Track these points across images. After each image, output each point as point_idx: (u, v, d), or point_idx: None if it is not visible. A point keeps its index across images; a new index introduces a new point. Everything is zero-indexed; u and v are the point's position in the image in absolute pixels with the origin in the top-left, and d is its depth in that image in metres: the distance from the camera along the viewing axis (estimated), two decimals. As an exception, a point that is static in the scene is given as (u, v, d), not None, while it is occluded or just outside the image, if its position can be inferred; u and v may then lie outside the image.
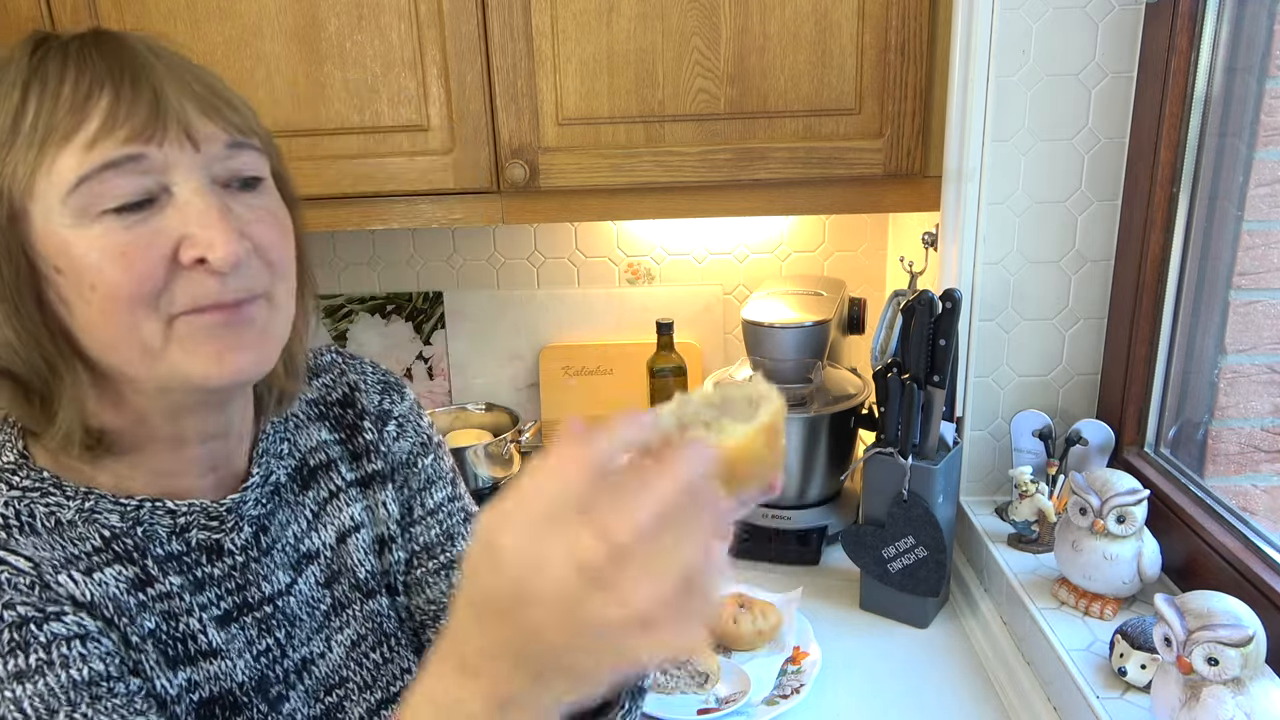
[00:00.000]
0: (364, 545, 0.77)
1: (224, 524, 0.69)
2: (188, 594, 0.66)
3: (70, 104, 0.58)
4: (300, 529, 0.74)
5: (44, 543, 0.62)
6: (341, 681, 0.73)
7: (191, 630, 0.66)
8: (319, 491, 0.76)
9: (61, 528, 0.63)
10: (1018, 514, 1.24)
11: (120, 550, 0.64)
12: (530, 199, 1.44)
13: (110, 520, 0.65)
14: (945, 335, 1.19)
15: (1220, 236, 1.15)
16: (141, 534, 0.66)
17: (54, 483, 0.65)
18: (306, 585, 0.73)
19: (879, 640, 1.25)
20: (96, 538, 0.64)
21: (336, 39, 1.37)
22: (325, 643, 0.73)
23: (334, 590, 0.74)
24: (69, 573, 0.61)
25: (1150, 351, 1.22)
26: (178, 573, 0.66)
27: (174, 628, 0.65)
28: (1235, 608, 0.84)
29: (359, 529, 0.77)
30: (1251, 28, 1.08)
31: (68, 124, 0.58)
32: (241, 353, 0.62)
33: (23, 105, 0.58)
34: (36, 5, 1.37)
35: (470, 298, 1.88)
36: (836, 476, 1.49)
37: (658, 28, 1.34)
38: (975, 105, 1.24)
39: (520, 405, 1.92)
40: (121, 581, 0.63)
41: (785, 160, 1.37)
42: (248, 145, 0.64)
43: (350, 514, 0.77)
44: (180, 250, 0.60)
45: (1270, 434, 1.17)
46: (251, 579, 0.70)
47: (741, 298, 1.85)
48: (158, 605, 0.65)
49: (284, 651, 0.70)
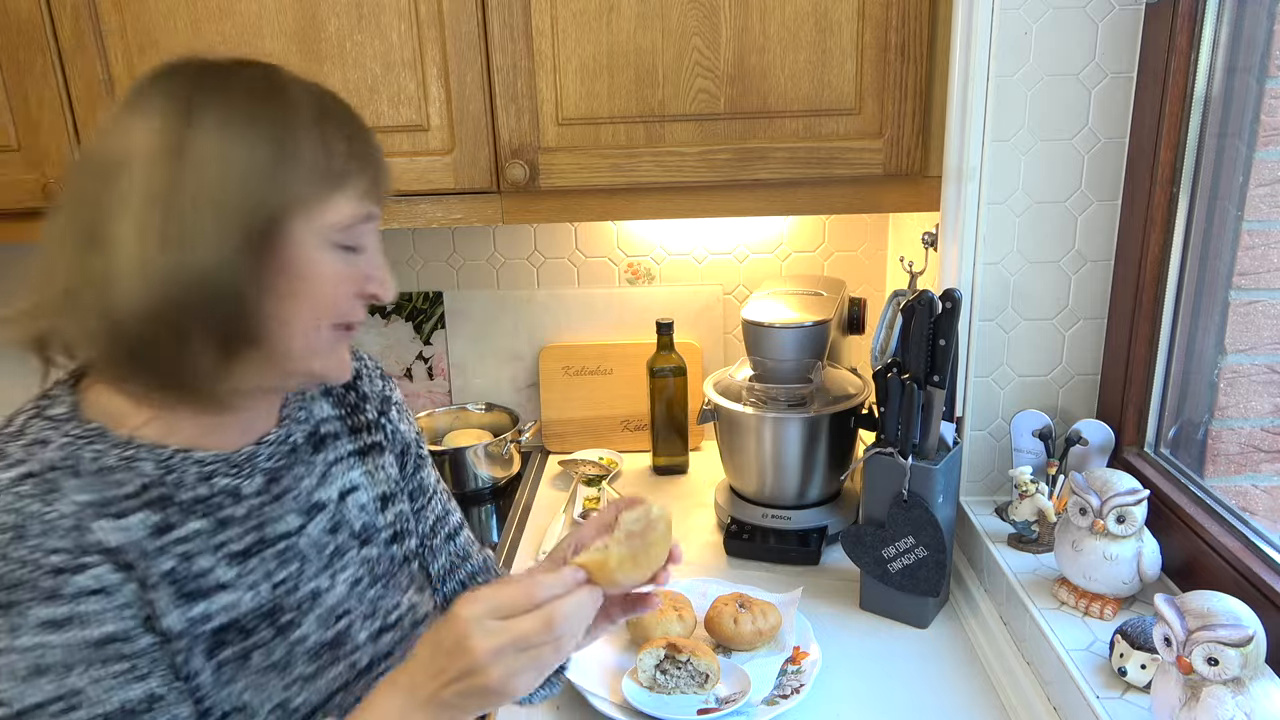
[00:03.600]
0: (360, 503, 0.91)
1: (241, 471, 0.81)
2: (207, 535, 0.77)
3: (359, 157, 0.75)
4: (312, 483, 0.87)
5: (87, 484, 0.71)
6: (346, 612, 0.86)
7: (205, 569, 0.76)
8: (327, 454, 0.90)
9: (103, 472, 0.73)
10: (1018, 514, 1.24)
11: (151, 497, 0.75)
12: (530, 199, 1.44)
13: (145, 468, 0.75)
14: (945, 335, 1.19)
15: (1220, 236, 1.15)
16: (172, 481, 0.76)
17: (99, 432, 0.75)
18: (315, 530, 0.85)
19: (879, 640, 1.25)
20: (134, 484, 0.74)
21: (336, 39, 1.37)
22: (331, 579, 0.85)
23: (336, 537, 0.87)
24: (103, 519, 0.71)
25: (1150, 351, 1.22)
26: (201, 516, 0.77)
27: (189, 567, 0.75)
28: (1235, 608, 0.84)
29: (356, 490, 0.91)
30: (1251, 28, 1.08)
31: (350, 173, 0.75)
32: (349, 361, 0.82)
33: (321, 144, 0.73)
34: (36, 5, 1.37)
35: (470, 298, 1.88)
36: (836, 476, 1.49)
37: (658, 27, 1.34)
38: (975, 105, 1.24)
39: (520, 405, 1.92)
40: (146, 527, 0.73)
41: (785, 160, 1.37)
42: None
43: (350, 477, 0.91)
44: (364, 285, 0.78)
45: (1270, 434, 1.17)
46: (267, 520, 0.82)
47: (741, 298, 1.85)
48: (176, 548, 0.75)
49: (297, 584, 0.82)
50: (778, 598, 1.27)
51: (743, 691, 1.10)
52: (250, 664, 0.78)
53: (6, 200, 1.46)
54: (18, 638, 0.66)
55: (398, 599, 0.91)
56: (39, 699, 0.66)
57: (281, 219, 0.72)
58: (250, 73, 0.75)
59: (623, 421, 1.88)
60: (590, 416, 1.88)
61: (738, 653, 1.20)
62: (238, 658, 0.77)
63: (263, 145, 0.71)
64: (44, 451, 0.72)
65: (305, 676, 0.81)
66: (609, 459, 1.82)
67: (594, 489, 1.71)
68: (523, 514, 1.66)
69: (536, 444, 1.91)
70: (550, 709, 1.14)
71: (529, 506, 1.69)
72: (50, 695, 0.67)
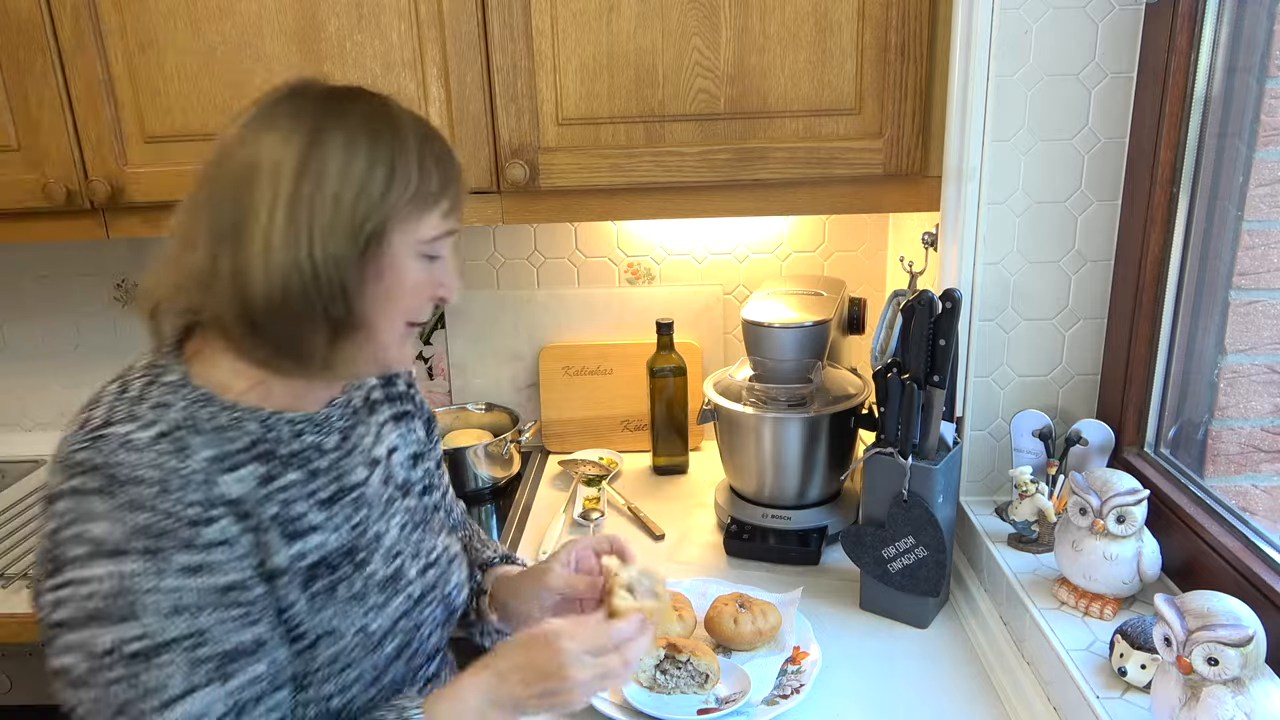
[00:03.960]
0: (399, 460, 1.05)
1: (322, 429, 0.94)
2: (301, 484, 0.90)
3: (441, 181, 0.87)
4: (370, 441, 1.01)
5: (207, 441, 0.83)
6: (399, 552, 0.99)
7: (301, 513, 0.89)
8: (377, 417, 1.04)
9: (219, 430, 0.85)
10: (1018, 514, 1.24)
11: (258, 452, 0.87)
12: (530, 199, 1.44)
13: (250, 427, 0.87)
14: (945, 335, 1.19)
15: (1220, 236, 1.15)
16: (272, 438, 0.89)
17: (209, 396, 0.86)
18: (375, 480, 0.99)
19: (879, 640, 1.25)
20: (243, 440, 0.86)
21: (336, 39, 1.37)
22: (387, 523, 0.99)
23: (388, 488, 1.01)
24: (225, 473, 0.83)
25: (1150, 351, 1.22)
26: (296, 468, 0.90)
27: (289, 512, 0.88)
28: (1235, 608, 0.84)
29: (396, 449, 1.05)
30: (1251, 28, 1.08)
31: (436, 196, 0.87)
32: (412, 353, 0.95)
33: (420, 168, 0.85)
34: (36, 5, 1.37)
35: (470, 298, 1.88)
36: (836, 476, 1.49)
37: (658, 27, 1.34)
38: (975, 105, 1.24)
39: (520, 405, 1.92)
40: (256, 477, 0.86)
41: (785, 160, 1.37)
42: None
43: (391, 438, 1.05)
44: (436, 290, 0.90)
45: (1270, 434, 1.17)
46: (344, 471, 0.95)
47: (741, 298, 1.85)
48: (279, 495, 0.87)
49: (366, 527, 0.96)
50: (778, 598, 1.27)
51: (742, 691, 1.10)
52: (336, 595, 0.90)
53: (6, 200, 1.46)
54: (163, 579, 0.77)
55: (434, 541, 1.06)
56: (175, 634, 0.77)
57: (385, 231, 0.84)
58: (368, 100, 0.87)
59: (623, 421, 1.88)
60: (590, 416, 1.88)
61: (738, 653, 1.20)
62: (326, 590, 0.90)
63: (378, 166, 0.83)
64: (169, 413, 0.83)
65: (377, 605, 0.94)
66: (609, 459, 1.82)
67: (594, 489, 1.71)
68: (523, 514, 1.66)
69: (536, 444, 1.91)
70: (550, 709, 1.14)
71: (529, 506, 1.69)
72: (184, 632, 0.77)
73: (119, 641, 0.75)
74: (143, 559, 0.77)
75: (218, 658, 0.79)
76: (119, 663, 0.75)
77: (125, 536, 0.76)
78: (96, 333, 1.96)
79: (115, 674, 0.75)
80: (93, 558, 0.76)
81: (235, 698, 0.79)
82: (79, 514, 0.77)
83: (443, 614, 1.04)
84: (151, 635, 0.76)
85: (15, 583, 1.46)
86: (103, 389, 0.88)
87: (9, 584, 1.46)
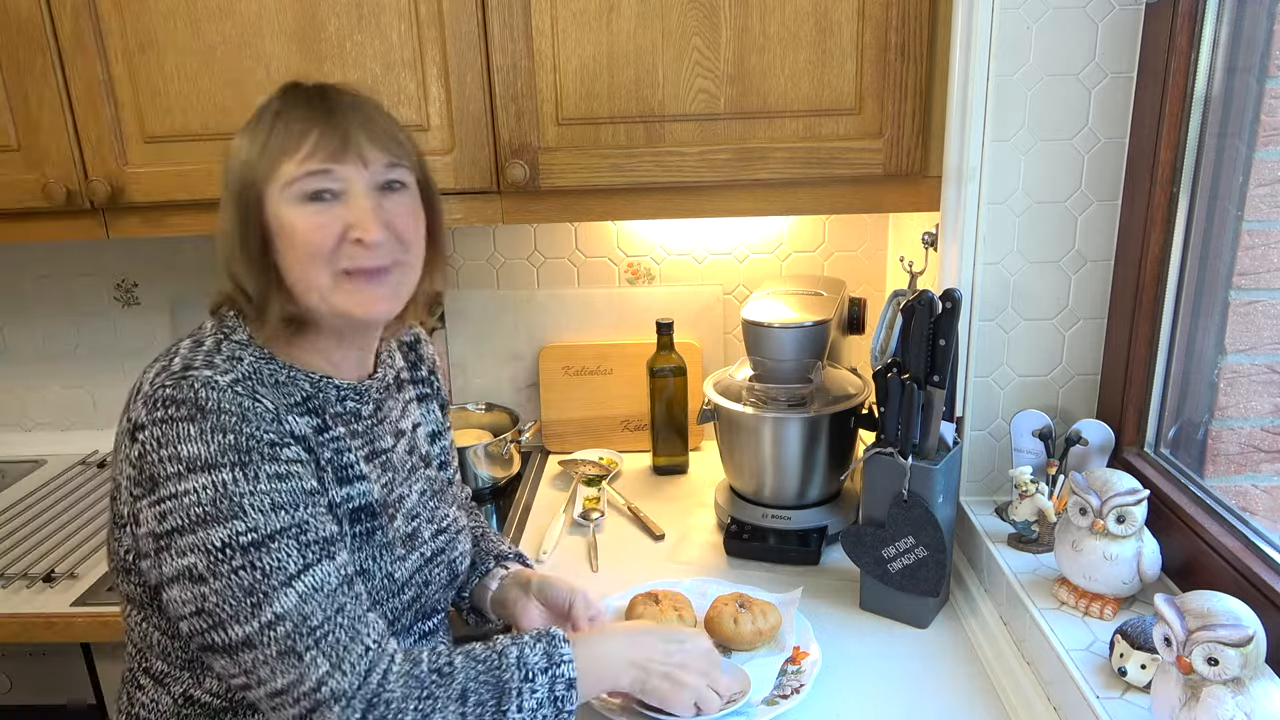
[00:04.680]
0: (422, 435, 1.18)
1: (361, 398, 1.06)
2: (346, 439, 1.01)
3: (296, 133, 0.93)
4: (398, 414, 1.13)
5: (270, 392, 0.94)
6: (417, 514, 1.10)
7: (350, 461, 1.00)
8: (405, 395, 1.18)
9: (279, 385, 0.97)
10: (1018, 514, 1.24)
11: (311, 406, 0.99)
12: (530, 199, 1.44)
13: (303, 385, 1.00)
14: (945, 335, 1.19)
15: (1220, 236, 1.15)
16: (321, 398, 1.01)
17: (270, 356, 0.99)
18: (400, 449, 1.11)
19: (879, 640, 1.25)
20: (298, 394, 0.99)
21: (336, 39, 1.37)
22: (409, 488, 1.10)
23: (411, 457, 1.13)
24: (291, 416, 0.94)
25: (1150, 351, 1.22)
26: (343, 424, 1.02)
27: (340, 459, 0.99)
28: (1235, 608, 0.84)
29: (419, 425, 1.18)
30: (1251, 28, 1.08)
31: (292, 147, 0.93)
32: (381, 302, 0.99)
33: (271, 130, 0.94)
34: (36, 5, 1.37)
35: (470, 298, 1.88)
36: (836, 476, 1.49)
37: (658, 27, 1.34)
38: (975, 105, 1.24)
39: (520, 405, 1.92)
40: (311, 426, 0.97)
41: (785, 160, 1.38)
42: (400, 165, 0.98)
43: (416, 415, 1.19)
44: (347, 231, 0.94)
45: (1270, 434, 1.17)
46: (376, 436, 1.07)
47: (741, 298, 1.85)
48: (331, 444, 0.99)
49: (392, 488, 1.06)
50: (778, 598, 1.27)
51: (743, 690, 1.10)
52: (373, 540, 1.01)
53: (6, 200, 1.46)
54: (257, 484, 0.88)
55: (446, 510, 1.16)
56: (280, 525, 0.88)
57: (259, 190, 0.94)
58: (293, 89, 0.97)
59: (623, 421, 1.88)
60: (590, 416, 1.88)
61: (738, 653, 1.20)
62: (365, 534, 1.01)
63: (246, 140, 0.95)
64: (240, 366, 0.95)
65: (400, 557, 1.04)
66: (609, 459, 1.82)
67: (594, 489, 1.71)
68: (523, 514, 1.66)
69: (536, 444, 1.91)
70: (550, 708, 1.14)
71: (529, 506, 1.69)
72: (287, 523, 0.89)
73: (232, 535, 0.86)
74: (234, 470, 0.87)
75: (321, 541, 0.91)
76: (237, 553, 0.86)
77: (216, 453, 0.87)
78: (96, 333, 1.96)
79: (236, 562, 0.86)
80: (189, 472, 0.86)
81: (343, 573, 0.91)
82: (170, 438, 0.87)
83: (447, 576, 1.13)
84: (259, 529, 0.87)
85: (15, 583, 1.46)
86: (176, 344, 0.99)
87: (9, 584, 1.45)
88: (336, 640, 0.88)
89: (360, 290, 0.97)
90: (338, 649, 0.88)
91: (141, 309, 1.94)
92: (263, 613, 0.86)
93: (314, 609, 0.87)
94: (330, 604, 0.89)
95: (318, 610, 0.88)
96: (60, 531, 1.61)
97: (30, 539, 1.59)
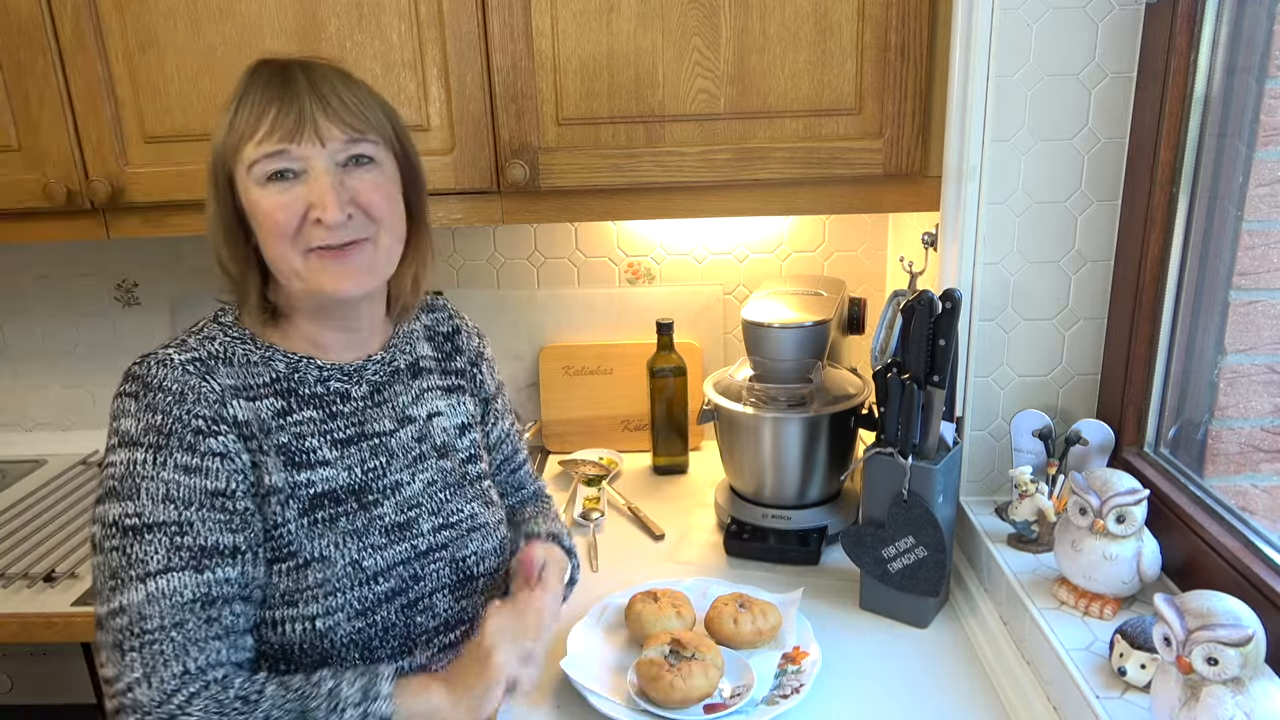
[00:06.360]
0: (442, 426, 1.13)
1: (351, 379, 1.06)
2: (318, 423, 1.02)
3: (255, 115, 0.94)
4: (407, 400, 1.11)
5: (234, 372, 0.98)
6: (417, 505, 1.07)
7: (312, 446, 1.01)
8: (421, 383, 1.14)
9: (248, 365, 1.00)
10: (1018, 514, 1.24)
11: (280, 388, 1.00)
12: (530, 199, 1.44)
13: (278, 367, 1.01)
14: (945, 335, 1.19)
15: (1220, 236, 1.15)
16: (296, 379, 1.02)
17: (250, 337, 1.02)
18: (405, 436, 1.08)
19: (879, 640, 1.25)
20: (267, 376, 1.00)
21: (337, 39, 1.37)
22: (411, 476, 1.07)
23: (420, 445, 1.10)
24: (240, 400, 0.96)
25: (1150, 351, 1.22)
26: (316, 408, 1.02)
27: (300, 444, 1.00)
28: (1235, 608, 0.84)
29: (440, 415, 1.14)
30: (1251, 28, 1.08)
31: (252, 128, 0.94)
32: (349, 279, 0.98)
33: (236, 112, 0.95)
34: (37, 5, 1.37)
35: (470, 297, 1.88)
36: (836, 476, 1.49)
37: (658, 27, 1.34)
38: (975, 105, 1.24)
39: (520, 405, 1.92)
40: (272, 410, 0.99)
41: (785, 160, 1.38)
42: (363, 139, 0.97)
43: (436, 404, 1.14)
44: (309, 211, 0.94)
45: (1270, 434, 1.17)
46: (368, 419, 1.06)
47: (741, 298, 1.85)
48: (292, 429, 1.00)
49: (384, 473, 1.05)
50: (778, 598, 1.27)
51: (747, 685, 1.11)
52: (337, 526, 1.00)
53: (6, 200, 1.46)
54: (162, 470, 0.90)
55: (461, 505, 1.11)
56: (162, 518, 0.89)
57: (230, 172, 0.96)
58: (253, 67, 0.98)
59: (623, 421, 1.88)
60: (590, 416, 1.88)
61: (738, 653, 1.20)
62: (327, 520, 0.99)
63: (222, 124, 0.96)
64: (211, 345, 0.99)
65: (377, 546, 1.02)
66: (609, 459, 1.82)
67: (594, 489, 1.71)
68: (523, 514, 1.66)
69: (536, 444, 1.91)
70: (551, 708, 1.14)
71: (529, 506, 1.69)
72: (171, 518, 0.90)
73: (121, 515, 0.89)
74: (148, 451, 0.90)
75: (196, 550, 0.90)
76: (117, 533, 0.89)
77: (140, 431, 0.91)
78: (96, 333, 1.96)
79: (113, 543, 0.89)
80: (119, 446, 0.91)
81: (204, 589, 0.90)
82: (116, 411, 0.93)
83: (450, 575, 1.07)
84: (142, 515, 0.89)
85: (15, 583, 1.46)
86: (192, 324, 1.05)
87: (9, 584, 1.46)
88: (159, 652, 0.87)
89: (328, 268, 0.97)
90: (155, 661, 0.87)
91: (141, 309, 1.94)
92: (114, 599, 0.88)
93: (153, 613, 0.87)
94: (172, 615, 0.88)
95: (155, 615, 0.87)
96: (61, 531, 1.62)
97: (31, 539, 1.59)
